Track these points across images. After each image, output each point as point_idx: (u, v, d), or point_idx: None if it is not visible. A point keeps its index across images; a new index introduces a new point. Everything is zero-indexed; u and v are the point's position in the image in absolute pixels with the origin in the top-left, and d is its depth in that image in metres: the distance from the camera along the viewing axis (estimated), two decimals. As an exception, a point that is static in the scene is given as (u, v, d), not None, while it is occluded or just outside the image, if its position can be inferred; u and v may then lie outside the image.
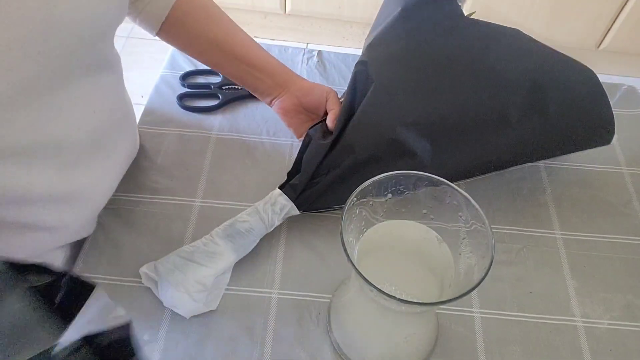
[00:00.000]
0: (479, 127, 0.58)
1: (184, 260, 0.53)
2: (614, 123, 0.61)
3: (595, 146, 0.62)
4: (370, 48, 0.63)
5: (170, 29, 0.60)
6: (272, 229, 0.57)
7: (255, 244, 0.56)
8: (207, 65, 0.65)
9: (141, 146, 0.68)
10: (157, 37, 0.62)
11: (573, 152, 0.63)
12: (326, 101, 0.63)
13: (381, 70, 0.59)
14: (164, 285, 0.52)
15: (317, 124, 0.63)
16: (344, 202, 0.41)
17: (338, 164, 0.57)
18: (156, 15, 0.59)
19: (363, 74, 0.60)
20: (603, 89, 0.60)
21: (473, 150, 0.59)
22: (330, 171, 0.57)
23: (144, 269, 0.53)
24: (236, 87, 0.75)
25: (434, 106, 0.57)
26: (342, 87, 0.77)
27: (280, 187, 0.57)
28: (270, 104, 0.66)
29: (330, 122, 0.61)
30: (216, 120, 0.72)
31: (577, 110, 0.59)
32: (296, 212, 0.57)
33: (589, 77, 0.60)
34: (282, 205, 0.56)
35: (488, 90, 0.58)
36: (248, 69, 0.62)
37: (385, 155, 0.57)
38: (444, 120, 0.57)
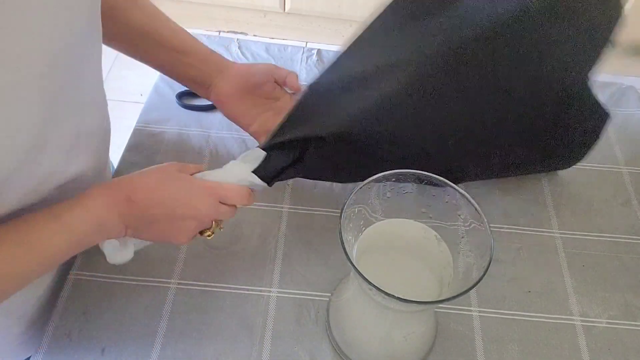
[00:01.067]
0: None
1: None
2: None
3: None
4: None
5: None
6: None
7: None
8: (134, 57, 0.61)
9: (141, 144, 0.68)
10: None
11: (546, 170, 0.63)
12: (275, 70, 0.60)
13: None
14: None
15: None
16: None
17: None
18: None
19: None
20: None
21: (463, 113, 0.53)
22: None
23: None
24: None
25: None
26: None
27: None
28: (208, 95, 0.61)
29: (294, 83, 0.60)
30: (215, 119, 0.72)
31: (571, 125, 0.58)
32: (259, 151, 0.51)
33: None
34: (246, 153, 0.51)
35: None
36: (179, 56, 0.59)
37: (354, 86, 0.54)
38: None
